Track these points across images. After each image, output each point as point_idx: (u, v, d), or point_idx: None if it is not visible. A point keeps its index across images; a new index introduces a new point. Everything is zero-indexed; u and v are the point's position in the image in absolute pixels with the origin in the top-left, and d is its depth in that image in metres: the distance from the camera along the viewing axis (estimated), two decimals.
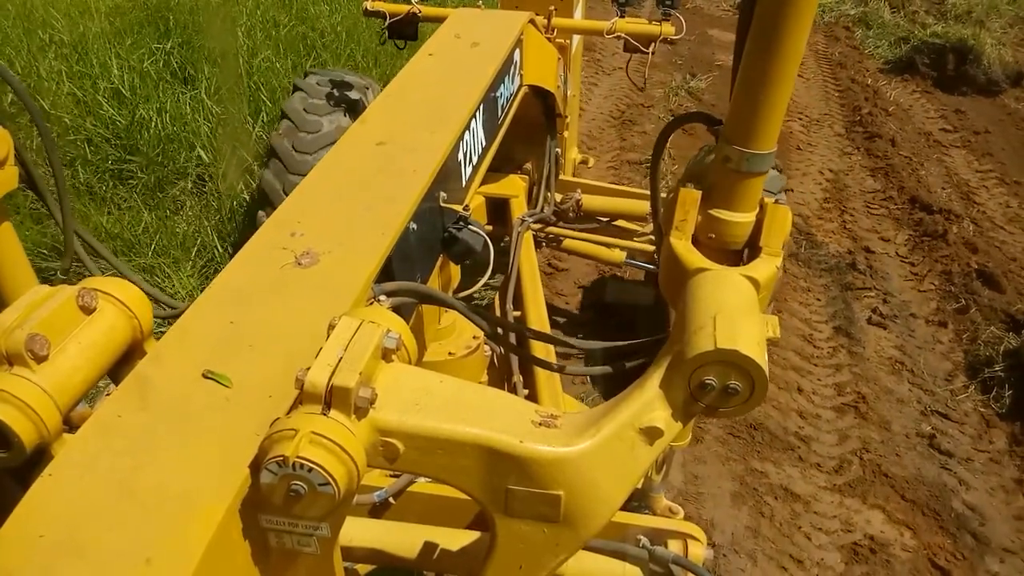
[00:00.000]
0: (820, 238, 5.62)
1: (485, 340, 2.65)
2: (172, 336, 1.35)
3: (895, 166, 6.58)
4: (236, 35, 6.91)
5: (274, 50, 6.82)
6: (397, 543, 1.85)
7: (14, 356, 1.22)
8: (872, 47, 9.50)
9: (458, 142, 2.09)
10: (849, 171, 6.66)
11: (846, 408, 4.05)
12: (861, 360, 4.42)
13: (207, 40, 6.72)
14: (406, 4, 3.45)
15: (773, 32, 1.17)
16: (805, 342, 4.54)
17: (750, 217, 1.36)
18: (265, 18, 7.48)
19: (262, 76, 6.36)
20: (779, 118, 1.27)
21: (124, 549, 1.00)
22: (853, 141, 7.20)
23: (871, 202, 6.20)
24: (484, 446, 1.13)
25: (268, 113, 5.94)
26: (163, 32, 6.86)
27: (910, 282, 5.18)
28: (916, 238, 5.63)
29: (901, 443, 3.85)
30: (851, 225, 5.84)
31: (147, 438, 1.15)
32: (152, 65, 6.27)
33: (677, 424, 1.17)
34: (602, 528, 1.21)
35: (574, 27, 3.61)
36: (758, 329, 1.16)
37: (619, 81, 7.86)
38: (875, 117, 7.47)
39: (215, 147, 5.48)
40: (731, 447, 3.74)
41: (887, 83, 8.45)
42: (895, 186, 6.32)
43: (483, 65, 2.46)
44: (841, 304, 4.89)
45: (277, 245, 1.59)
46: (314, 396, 1.05)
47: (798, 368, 4.33)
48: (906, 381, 4.29)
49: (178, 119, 5.65)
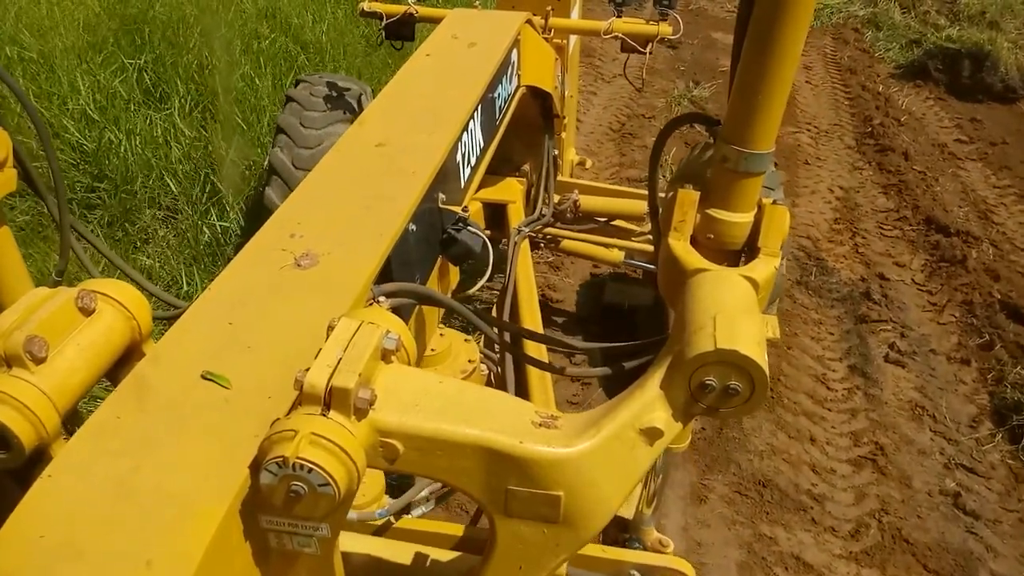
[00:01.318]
0: (831, 264, 5.29)
1: (481, 360, 2.64)
2: (171, 337, 1.35)
3: (908, 182, 6.26)
4: (214, 49, 6.52)
5: (253, 65, 6.44)
6: (395, 554, 1.86)
7: (13, 358, 1.22)
8: (882, 50, 9.14)
9: (456, 143, 2.09)
10: (860, 188, 6.32)
11: (863, 461, 3.76)
12: (879, 404, 4.11)
13: (182, 55, 6.37)
14: (403, 5, 3.45)
15: (771, 32, 1.18)
16: (818, 383, 4.24)
17: (748, 217, 1.36)
18: (245, 30, 7.08)
19: (239, 94, 6.00)
20: (777, 118, 1.27)
21: (124, 550, 1.00)
22: (864, 155, 6.84)
23: (884, 223, 5.86)
24: (484, 447, 1.13)
25: (243, 137, 5.55)
26: (138, 45, 6.49)
27: (928, 313, 4.86)
28: (933, 263, 5.30)
29: (923, 502, 3.56)
30: (864, 249, 5.51)
31: (146, 439, 1.15)
32: (123, 83, 5.92)
33: (677, 425, 1.17)
34: (601, 529, 1.21)
35: (571, 27, 3.61)
36: (758, 329, 1.16)
37: (619, 89, 7.61)
38: (887, 128, 7.12)
39: (186, 174, 5.14)
40: (738, 508, 3.48)
41: (899, 89, 8.10)
42: (909, 204, 5.98)
43: (481, 66, 2.46)
44: (856, 339, 4.59)
45: (276, 246, 1.59)
46: (313, 397, 1.05)
47: (811, 414, 4.03)
48: (927, 429, 3.97)
49: (149, 143, 5.33)
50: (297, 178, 3.59)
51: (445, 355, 2.56)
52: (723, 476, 3.62)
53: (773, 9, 1.16)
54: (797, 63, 1.22)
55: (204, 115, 5.83)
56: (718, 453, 3.73)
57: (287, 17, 7.45)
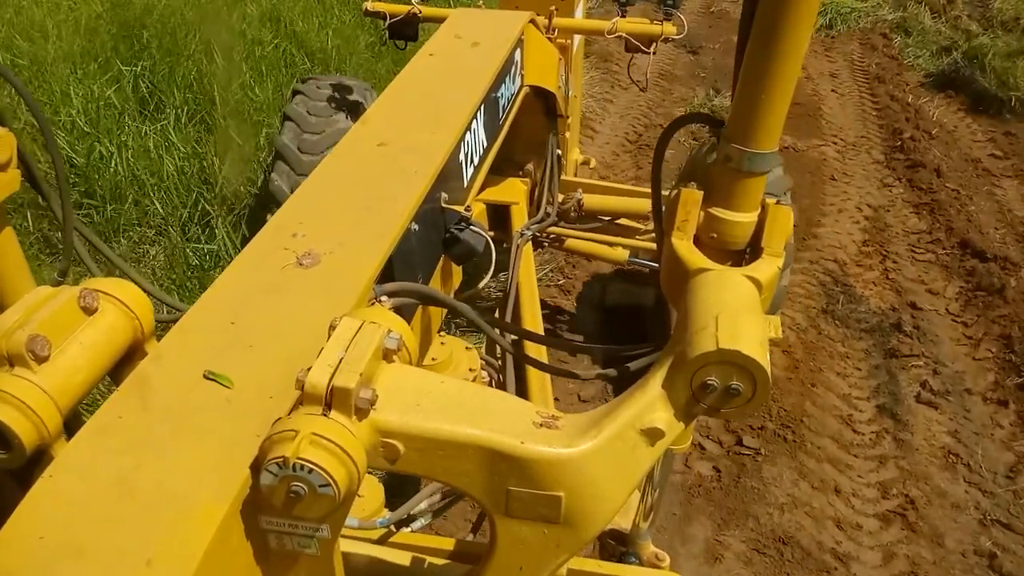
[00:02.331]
0: (859, 290, 4.97)
1: (482, 367, 2.64)
2: (173, 337, 1.35)
3: (941, 201, 5.90)
4: (212, 56, 6.22)
5: (254, 72, 6.19)
6: (395, 556, 1.86)
7: (15, 357, 1.22)
8: (912, 57, 8.75)
9: (459, 143, 2.09)
10: (890, 207, 5.97)
11: (892, 516, 3.49)
12: (909, 450, 3.81)
13: (180, 61, 6.11)
14: (406, 4, 3.45)
15: (774, 32, 1.17)
16: (844, 425, 3.95)
17: (752, 217, 1.36)
18: (247, 36, 6.81)
19: (236, 105, 5.72)
20: (781, 117, 1.26)
21: (124, 550, 1.00)
22: (894, 170, 6.47)
23: (916, 246, 5.50)
24: (485, 447, 1.12)
25: (236, 152, 5.21)
26: (136, 51, 6.26)
27: (963, 347, 4.53)
28: (968, 292, 4.95)
29: (956, 563, 3.29)
30: (894, 274, 5.17)
31: (148, 439, 1.15)
32: (118, 93, 5.69)
33: (679, 425, 1.16)
34: (603, 529, 1.21)
35: (575, 27, 3.60)
36: (760, 329, 1.15)
37: (636, 97, 7.38)
38: (918, 142, 6.73)
39: (178, 191, 4.91)
40: (756, 568, 3.24)
41: (929, 100, 7.72)
42: (942, 226, 5.62)
43: (484, 65, 2.46)
44: (885, 375, 4.27)
45: (278, 246, 1.59)
46: (315, 397, 1.05)
47: (836, 460, 3.76)
48: (962, 479, 3.67)
49: (141, 156, 5.09)
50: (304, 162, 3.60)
51: (446, 363, 2.56)
52: (740, 531, 3.39)
53: (777, 8, 1.15)
54: (801, 62, 1.21)
55: (200, 127, 5.60)
56: (735, 505, 3.51)
57: (291, 22, 7.26)
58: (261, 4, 7.54)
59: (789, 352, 4.39)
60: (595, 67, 7.90)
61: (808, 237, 5.53)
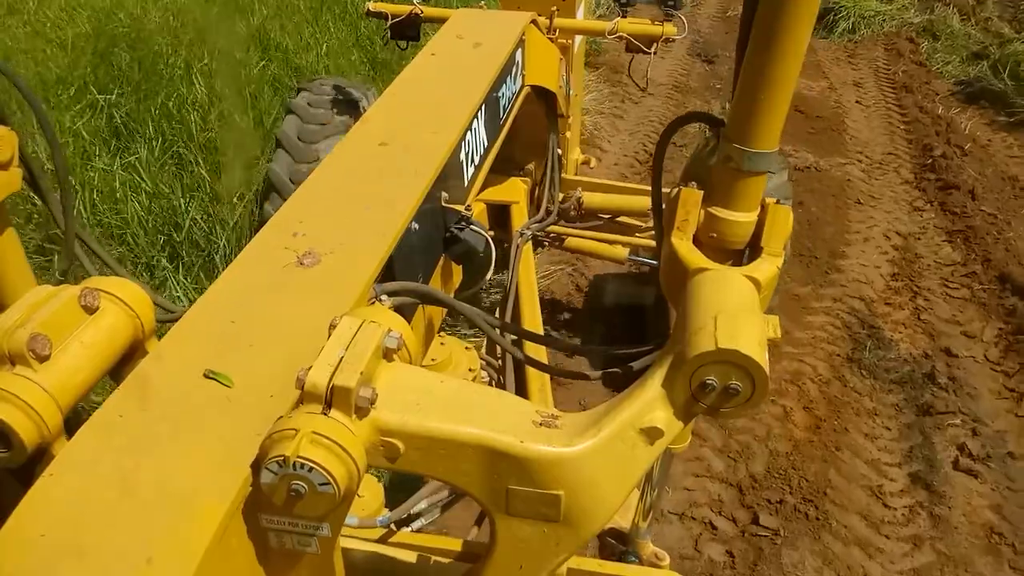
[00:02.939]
0: (888, 334, 4.49)
1: (482, 367, 2.65)
2: (173, 336, 1.35)
3: (977, 228, 5.38)
4: (193, 81, 5.71)
5: (236, 99, 5.64)
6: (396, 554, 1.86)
7: (16, 356, 1.22)
8: (940, 63, 8.27)
9: (460, 142, 2.09)
10: (921, 234, 5.47)
11: None
12: (947, 529, 3.36)
13: (161, 87, 5.65)
14: (408, 4, 3.45)
15: (774, 32, 1.17)
16: (873, 498, 3.52)
17: (751, 217, 1.36)
18: (232, 58, 6.28)
19: (216, 135, 5.24)
20: (781, 117, 1.27)
21: (125, 548, 1.00)
22: (924, 192, 5.97)
23: (950, 280, 4.99)
24: (485, 446, 1.13)
25: (207, 193, 4.73)
26: (114, 76, 5.83)
27: (1005, 401, 4.04)
28: (1009, 335, 4.45)
29: None
30: (926, 314, 4.68)
31: (148, 437, 1.15)
32: (88, 124, 5.26)
33: (678, 424, 1.17)
34: (602, 528, 1.21)
35: (576, 27, 3.60)
36: (759, 329, 1.16)
37: (648, 112, 7.06)
38: (950, 160, 6.19)
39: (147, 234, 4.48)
40: None
41: (960, 111, 7.21)
42: (978, 257, 5.12)
43: (485, 65, 2.46)
44: (918, 436, 3.82)
45: (279, 245, 1.59)
46: (315, 396, 1.05)
47: (864, 542, 3.31)
48: (1006, 564, 3.22)
49: (107, 197, 4.66)
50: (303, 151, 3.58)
51: (446, 364, 2.57)
52: None
53: (777, 8, 1.15)
54: (800, 63, 1.22)
55: (175, 161, 5.14)
56: None
57: (281, 42, 6.81)
58: (250, 22, 7.20)
59: (810, 409, 3.97)
60: (604, 80, 7.55)
61: (831, 270, 5.10)
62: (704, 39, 9.17)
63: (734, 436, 3.78)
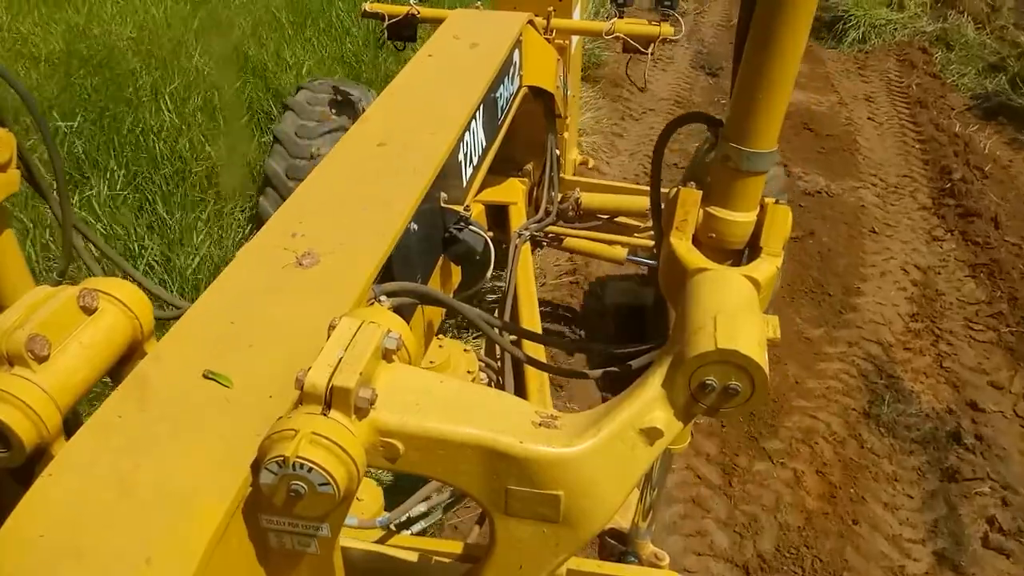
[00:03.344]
0: (908, 384, 4.12)
1: (481, 368, 2.65)
2: (172, 336, 1.35)
3: (1001, 262, 4.97)
4: (161, 106, 5.26)
5: (207, 126, 5.23)
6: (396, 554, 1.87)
7: (15, 356, 1.22)
8: (955, 75, 7.87)
9: (458, 143, 2.09)
10: (941, 267, 5.09)
11: None
12: None
13: (129, 112, 5.25)
14: (405, 5, 3.45)
15: (772, 31, 1.17)
16: None
17: (750, 217, 1.36)
18: (209, 80, 5.84)
19: (176, 171, 4.82)
20: (779, 117, 1.27)
21: (124, 549, 1.00)
22: (944, 220, 5.58)
23: (974, 321, 4.60)
24: (484, 447, 1.13)
25: (167, 235, 4.33)
26: (81, 100, 5.44)
27: None
28: None
29: None
30: (949, 361, 4.30)
31: (147, 438, 1.15)
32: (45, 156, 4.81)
33: (677, 424, 1.17)
34: (602, 528, 1.21)
35: (573, 28, 3.61)
36: (758, 329, 1.16)
37: (649, 130, 6.78)
38: (970, 184, 5.79)
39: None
40: None
41: (978, 128, 6.81)
42: (1004, 294, 4.72)
43: (483, 66, 2.46)
44: (943, 507, 3.46)
45: (278, 245, 1.59)
46: (314, 396, 1.05)
47: None
48: None
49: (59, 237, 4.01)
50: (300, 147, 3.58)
51: (444, 366, 2.57)
52: None
53: (775, 8, 1.15)
54: (799, 62, 1.22)
55: (137, 195, 4.75)
56: None
57: (260, 61, 6.37)
58: (228, 39, 6.78)
59: (824, 474, 3.63)
60: (603, 95, 7.20)
61: (845, 309, 4.76)
62: (708, 49, 8.80)
63: (740, 506, 3.44)
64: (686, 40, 8.90)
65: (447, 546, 1.95)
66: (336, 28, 7.29)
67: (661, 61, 8.34)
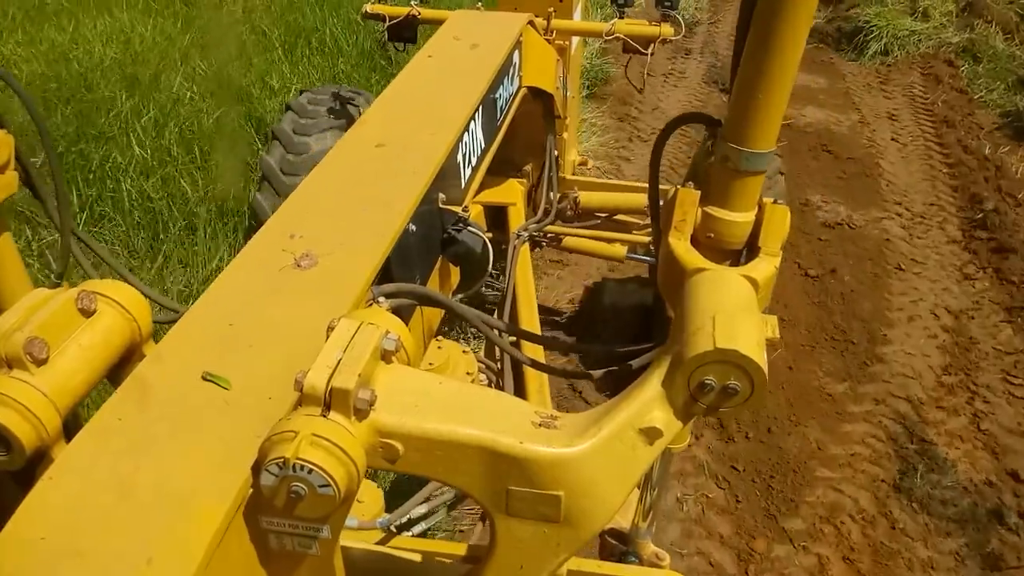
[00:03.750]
0: (943, 450, 3.71)
1: (480, 370, 2.65)
2: (171, 338, 1.35)
3: None
4: (131, 142, 4.92)
5: (182, 160, 4.91)
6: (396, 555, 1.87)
7: (13, 359, 1.22)
8: (984, 91, 7.37)
9: (457, 143, 2.09)
10: (975, 311, 4.63)
11: None
12: None
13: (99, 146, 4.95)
14: (405, 6, 3.45)
15: (772, 32, 1.17)
16: None
17: (749, 217, 1.36)
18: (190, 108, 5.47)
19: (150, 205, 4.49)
20: (778, 117, 1.27)
21: (125, 551, 1.00)
22: (976, 255, 5.13)
23: (1012, 374, 4.14)
24: (484, 447, 1.13)
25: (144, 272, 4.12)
26: (52, 127, 5.10)
27: None
28: None
29: None
30: (987, 422, 3.88)
31: (147, 440, 1.15)
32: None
33: (677, 424, 1.17)
34: (602, 528, 1.21)
35: (573, 29, 3.61)
36: (757, 329, 1.16)
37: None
38: (1003, 216, 5.31)
39: None
40: None
41: (1009, 150, 6.30)
42: None
43: (482, 67, 2.46)
44: None
45: (276, 247, 1.59)
46: (313, 398, 1.05)
47: None
48: None
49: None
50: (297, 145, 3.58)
51: (443, 368, 2.57)
52: None
53: (775, 8, 1.16)
54: (798, 62, 1.22)
55: (99, 234, 4.53)
56: None
57: (243, 86, 5.94)
58: (212, 62, 6.36)
59: (851, 560, 3.24)
60: (611, 113, 6.80)
61: (871, 360, 4.34)
62: (722, 63, 8.18)
63: None
64: (699, 53, 8.54)
65: (448, 547, 1.95)
66: (329, 47, 6.97)
67: (673, 76, 7.93)
